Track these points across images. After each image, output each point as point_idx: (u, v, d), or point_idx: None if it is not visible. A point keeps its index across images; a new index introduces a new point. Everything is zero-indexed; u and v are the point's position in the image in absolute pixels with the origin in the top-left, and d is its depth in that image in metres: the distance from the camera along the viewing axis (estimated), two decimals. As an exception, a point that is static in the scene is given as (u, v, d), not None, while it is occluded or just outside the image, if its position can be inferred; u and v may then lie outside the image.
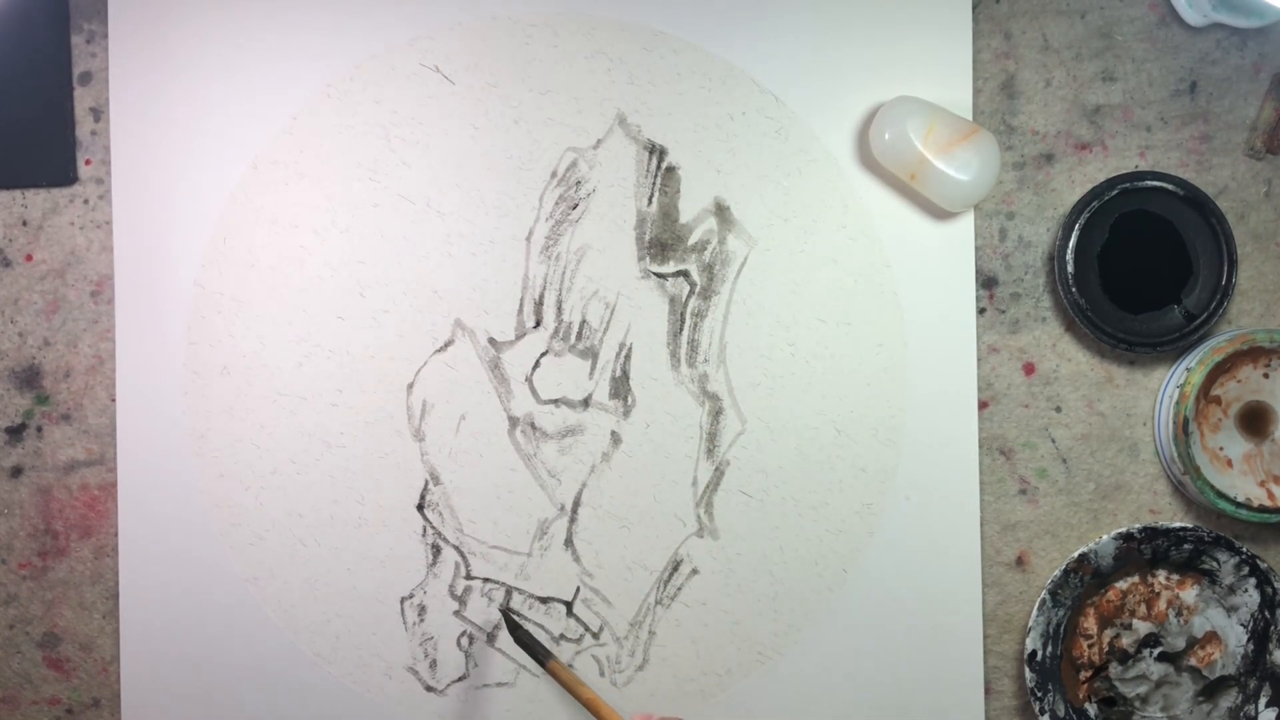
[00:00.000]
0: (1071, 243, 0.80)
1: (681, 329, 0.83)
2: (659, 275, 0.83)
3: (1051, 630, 0.81)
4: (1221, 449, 0.80)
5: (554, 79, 0.83)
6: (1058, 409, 0.83)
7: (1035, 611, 0.81)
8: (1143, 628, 0.81)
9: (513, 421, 0.83)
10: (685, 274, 0.83)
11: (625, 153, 0.83)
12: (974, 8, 0.83)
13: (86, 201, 0.83)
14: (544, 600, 0.83)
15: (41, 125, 0.83)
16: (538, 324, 0.83)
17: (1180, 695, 0.82)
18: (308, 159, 0.83)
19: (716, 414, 0.83)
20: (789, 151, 0.83)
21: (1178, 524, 0.80)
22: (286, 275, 0.83)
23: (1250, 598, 0.81)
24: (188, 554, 0.83)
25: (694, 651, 0.83)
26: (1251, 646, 0.81)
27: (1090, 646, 0.82)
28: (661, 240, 0.83)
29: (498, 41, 0.83)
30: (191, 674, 0.83)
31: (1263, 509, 0.79)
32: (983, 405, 0.83)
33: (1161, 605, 0.82)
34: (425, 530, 0.83)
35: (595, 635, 0.83)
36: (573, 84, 0.83)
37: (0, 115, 0.83)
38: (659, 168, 0.83)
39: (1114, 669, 0.82)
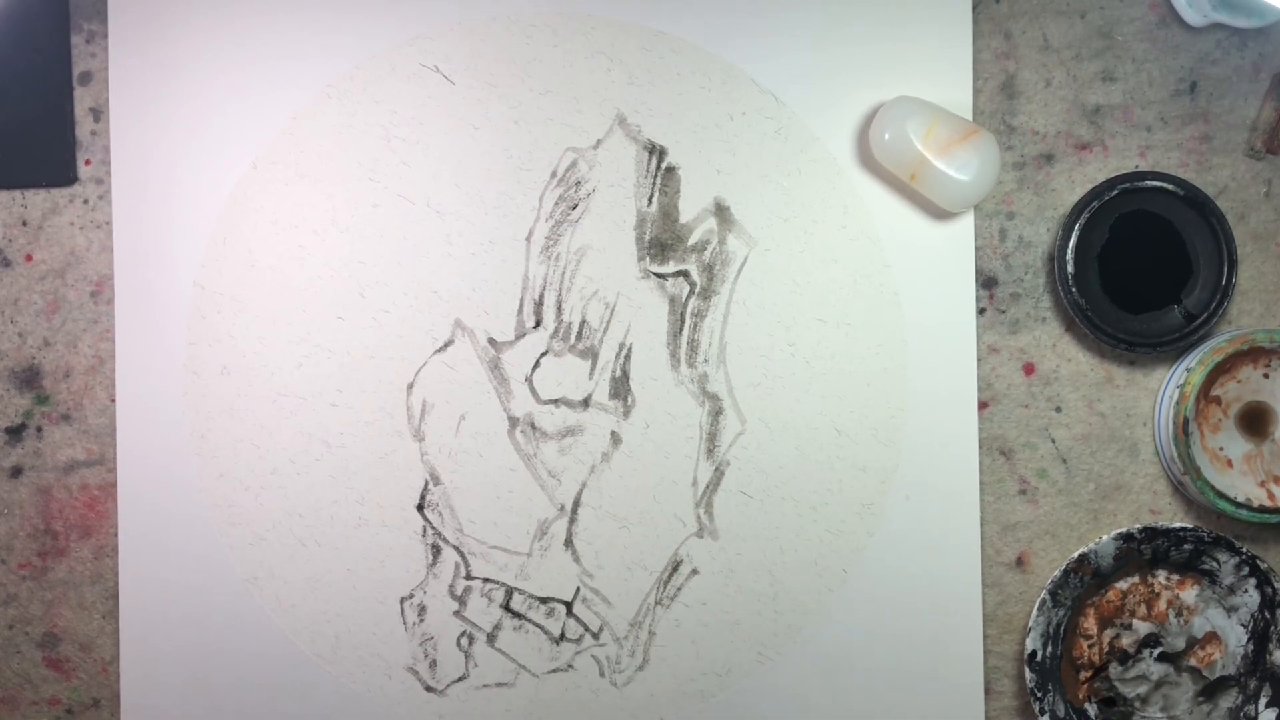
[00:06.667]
0: (1071, 243, 0.80)
1: (681, 329, 0.83)
2: (659, 275, 0.83)
3: (1051, 630, 0.81)
4: (1221, 449, 0.80)
5: (554, 79, 0.83)
6: (1058, 409, 0.83)
7: (1035, 612, 0.80)
8: (1143, 628, 0.81)
9: (513, 421, 0.83)
10: (685, 274, 0.83)
11: (625, 153, 0.83)
12: (974, 8, 0.83)
13: (86, 201, 0.83)
14: (544, 600, 0.83)
15: (41, 125, 0.83)
16: (538, 324, 0.83)
17: (1180, 695, 0.82)
18: (308, 159, 0.83)
19: (716, 414, 0.83)
20: (789, 151, 0.83)
21: (1178, 524, 0.80)
22: (286, 275, 0.83)
23: (1250, 598, 0.81)
24: (188, 554, 0.83)
25: (694, 652, 0.83)
26: (1251, 647, 0.81)
27: (1090, 647, 0.82)
28: (661, 240, 0.83)
29: (498, 41, 0.83)
30: (191, 674, 0.83)
31: (1263, 509, 0.79)
32: (983, 405, 0.83)
33: (1161, 605, 0.82)
34: (425, 530, 0.83)
35: (595, 635, 0.83)
36: (573, 84, 0.83)
37: (0, 115, 0.83)
38: (659, 168, 0.83)
39: (1114, 669, 0.82)
